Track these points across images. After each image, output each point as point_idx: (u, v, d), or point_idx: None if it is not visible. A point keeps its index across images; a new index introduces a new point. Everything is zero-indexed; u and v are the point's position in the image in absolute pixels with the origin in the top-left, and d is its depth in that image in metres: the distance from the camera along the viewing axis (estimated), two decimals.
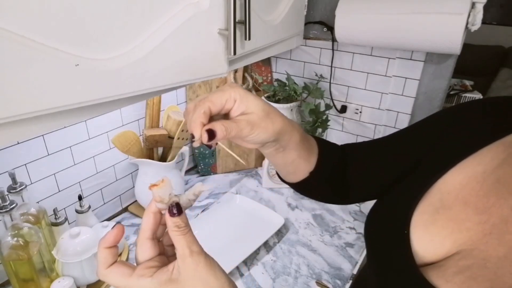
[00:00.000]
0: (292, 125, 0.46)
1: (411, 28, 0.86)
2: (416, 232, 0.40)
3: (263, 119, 0.41)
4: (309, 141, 0.52)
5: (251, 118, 0.40)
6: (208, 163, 1.33)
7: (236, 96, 0.40)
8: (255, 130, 0.40)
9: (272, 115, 0.42)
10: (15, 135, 0.44)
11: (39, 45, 0.41)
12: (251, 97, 0.41)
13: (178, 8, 0.55)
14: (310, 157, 0.53)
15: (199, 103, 0.39)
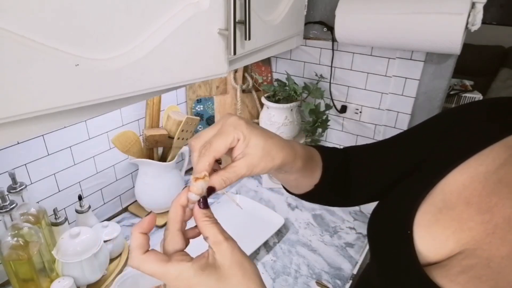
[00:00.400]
0: (295, 154, 0.45)
1: (411, 28, 0.86)
2: (419, 232, 0.40)
3: (263, 158, 0.41)
4: (313, 159, 0.52)
5: (250, 160, 0.40)
6: None
7: (239, 136, 0.40)
8: (254, 170, 0.41)
9: (274, 152, 0.42)
10: (15, 135, 0.44)
11: (39, 45, 0.41)
12: (253, 138, 0.40)
13: (178, 8, 0.55)
14: (314, 173, 0.53)
15: (205, 151, 0.39)
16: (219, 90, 1.27)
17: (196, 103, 1.23)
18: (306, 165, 0.49)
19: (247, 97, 1.28)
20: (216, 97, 1.25)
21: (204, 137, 0.40)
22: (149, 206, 1.09)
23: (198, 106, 1.24)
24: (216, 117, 1.27)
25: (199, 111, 1.24)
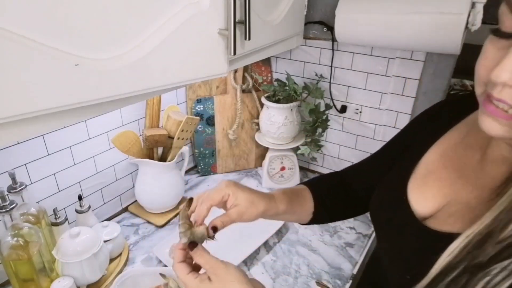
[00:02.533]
0: (275, 201, 0.61)
1: (411, 28, 0.86)
2: (413, 196, 0.52)
3: (249, 207, 0.57)
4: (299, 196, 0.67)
5: (239, 209, 0.56)
6: (208, 163, 1.33)
7: (229, 192, 0.57)
8: (244, 217, 0.57)
9: (256, 202, 0.58)
10: (15, 135, 0.44)
11: (39, 45, 0.41)
12: (240, 193, 0.57)
13: (178, 8, 0.55)
14: (305, 206, 0.67)
15: (205, 199, 0.56)
16: (219, 90, 1.27)
17: (196, 103, 1.23)
18: (291, 205, 0.63)
19: (247, 97, 1.28)
20: (216, 97, 1.25)
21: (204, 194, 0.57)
22: (149, 206, 1.09)
23: (198, 106, 1.24)
24: (216, 117, 1.27)
25: (199, 111, 1.24)
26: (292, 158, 1.23)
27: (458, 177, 0.49)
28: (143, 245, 0.99)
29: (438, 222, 0.47)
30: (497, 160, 0.45)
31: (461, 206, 0.46)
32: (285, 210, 0.62)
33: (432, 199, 0.49)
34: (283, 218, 0.66)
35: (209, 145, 1.30)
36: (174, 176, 1.08)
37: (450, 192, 0.48)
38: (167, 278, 0.80)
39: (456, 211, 0.46)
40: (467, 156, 0.49)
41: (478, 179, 0.46)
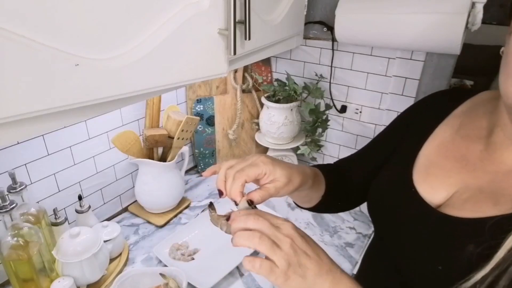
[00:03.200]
0: (307, 176, 0.59)
1: (411, 28, 0.86)
2: (420, 187, 0.53)
3: (287, 183, 0.53)
4: (318, 175, 0.65)
5: (277, 185, 0.53)
6: (208, 163, 1.33)
7: (267, 170, 0.52)
8: (281, 192, 0.53)
9: (293, 177, 0.54)
10: (15, 135, 0.44)
11: (39, 45, 0.41)
12: (278, 169, 0.53)
13: (178, 8, 0.55)
14: (320, 186, 0.66)
15: (238, 174, 0.51)
16: (219, 90, 1.27)
17: (196, 103, 1.23)
18: (314, 182, 0.62)
19: (247, 97, 1.28)
20: (216, 97, 1.25)
21: (237, 167, 0.52)
22: (149, 206, 1.09)
23: (198, 106, 1.24)
24: (216, 117, 1.27)
25: (199, 111, 1.24)
26: (292, 158, 1.23)
27: (462, 166, 0.51)
28: (143, 245, 0.99)
29: (455, 209, 0.48)
30: (505, 147, 0.48)
31: (474, 192, 0.48)
32: (311, 186, 0.61)
33: (440, 189, 0.51)
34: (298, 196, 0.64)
35: (209, 145, 1.30)
36: (174, 176, 1.08)
37: (457, 181, 0.50)
38: (167, 278, 0.80)
39: (469, 197, 0.48)
40: (467, 147, 0.52)
41: (488, 165, 0.49)
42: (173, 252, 0.94)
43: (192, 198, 1.19)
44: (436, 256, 0.48)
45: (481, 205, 0.46)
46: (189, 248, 0.96)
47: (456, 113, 0.57)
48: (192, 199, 1.18)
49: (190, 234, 1.01)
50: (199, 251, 0.95)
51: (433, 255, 0.49)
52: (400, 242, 0.55)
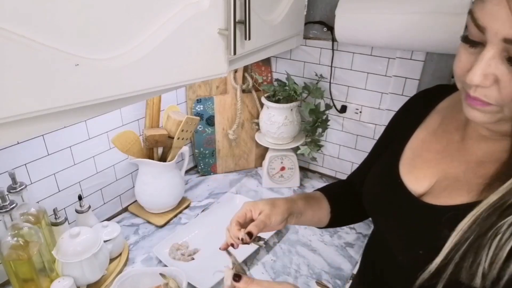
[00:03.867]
0: (291, 200, 0.67)
1: (411, 28, 0.86)
2: (406, 178, 0.57)
3: (272, 209, 0.62)
4: (315, 197, 0.73)
5: (265, 213, 0.61)
6: (208, 163, 1.33)
7: (250, 208, 0.63)
8: (272, 218, 0.61)
9: (276, 203, 0.64)
10: (15, 135, 0.44)
11: (39, 45, 0.41)
12: (259, 203, 0.63)
13: (178, 8, 0.55)
14: (322, 204, 0.72)
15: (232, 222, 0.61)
16: (219, 90, 1.27)
17: (196, 103, 1.23)
18: (309, 203, 0.69)
19: (247, 97, 1.28)
20: (216, 97, 1.25)
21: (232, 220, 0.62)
22: (149, 206, 1.09)
23: (198, 106, 1.24)
24: (216, 117, 1.27)
25: (199, 111, 1.24)
26: (292, 158, 1.23)
27: (442, 157, 0.55)
28: (143, 245, 0.99)
29: (433, 198, 0.52)
30: (477, 139, 0.52)
31: (451, 181, 0.52)
32: (305, 206, 0.68)
33: (423, 179, 0.55)
34: (305, 220, 0.70)
35: (209, 145, 1.30)
36: (174, 176, 1.08)
37: (437, 171, 0.54)
38: (167, 278, 0.80)
39: (447, 185, 0.52)
40: (447, 139, 0.56)
41: (462, 155, 0.53)
42: (173, 252, 0.94)
43: (192, 198, 1.19)
44: (417, 242, 0.52)
45: (457, 193, 0.49)
46: (189, 248, 0.96)
47: (439, 108, 0.61)
48: (192, 199, 1.18)
49: (190, 234, 1.01)
50: (199, 251, 0.95)
51: (415, 240, 0.52)
52: (389, 229, 0.59)
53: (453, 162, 0.53)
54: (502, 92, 0.39)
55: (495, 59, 0.39)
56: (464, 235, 0.43)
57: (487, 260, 0.40)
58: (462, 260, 0.43)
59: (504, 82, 0.39)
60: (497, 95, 0.40)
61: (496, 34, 0.38)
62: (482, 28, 0.39)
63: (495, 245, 0.40)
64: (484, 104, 0.42)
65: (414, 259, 0.52)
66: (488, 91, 0.40)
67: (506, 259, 0.39)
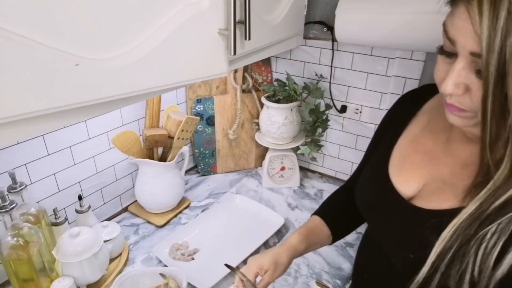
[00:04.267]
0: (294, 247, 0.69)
1: (411, 28, 0.86)
2: (395, 180, 0.58)
3: (276, 268, 0.65)
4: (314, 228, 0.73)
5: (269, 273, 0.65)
6: (208, 163, 1.33)
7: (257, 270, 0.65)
8: (275, 276, 0.65)
9: (280, 260, 0.66)
10: (15, 135, 0.44)
11: (39, 45, 0.41)
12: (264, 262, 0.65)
13: (178, 8, 0.55)
14: (322, 234, 0.74)
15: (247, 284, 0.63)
16: (219, 90, 1.27)
17: (196, 103, 1.23)
18: (310, 240, 0.71)
19: (247, 97, 1.28)
20: (216, 97, 1.25)
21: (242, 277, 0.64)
22: (149, 206, 1.09)
23: (198, 106, 1.24)
24: (216, 117, 1.27)
25: (199, 111, 1.24)
26: (292, 158, 1.23)
27: (429, 159, 0.56)
28: (143, 245, 0.99)
29: (423, 201, 0.53)
30: (461, 140, 0.53)
31: (439, 184, 0.52)
32: (306, 247, 0.71)
33: (412, 181, 0.56)
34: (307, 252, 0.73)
35: (209, 145, 1.30)
36: (174, 176, 1.08)
37: (425, 172, 0.55)
38: (167, 278, 0.80)
39: (435, 188, 0.52)
40: (433, 140, 0.57)
41: (448, 157, 0.54)
42: (173, 252, 0.94)
43: (192, 198, 1.19)
44: (408, 245, 0.53)
45: (444, 196, 0.50)
46: (189, 248, 0.96)
47: (426, 108, 0.62)
48: (192, 199, 1.18)
49: (190, 234, 1.01)
50: (199, 251, 0.95)
51: (405, 244, 0.53)
52: (382, 232, 0.60)
53: (439, 164, 0.54)
54: (473, 99, 0.41)
55: (465, 69, 0.41)
56: (447, 245, 0.44)
57: (476, 268, 0.42)
58: (449, 269, 0.44)
59: (474, 91, 0.41)
60: (469, 102, 0.42)
61: (464, 47, 0.40)
62: (453, 41, 0.41)
63: (481, 253, 0.41)
64: (460, 110, 0.44)
65: (405, 262, 0.53)
66: (461, 98, 0.43)
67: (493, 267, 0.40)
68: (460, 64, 0.41)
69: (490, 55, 0.36)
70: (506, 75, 0.36)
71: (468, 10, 0.39)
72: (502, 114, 0.38)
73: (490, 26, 0.36)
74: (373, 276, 0.66)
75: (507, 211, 0.41)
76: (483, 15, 0.36)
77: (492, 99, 0.38)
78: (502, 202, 0.41)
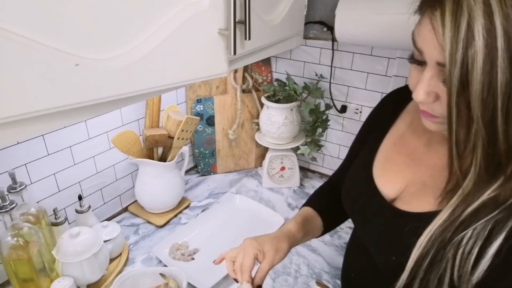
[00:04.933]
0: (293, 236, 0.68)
1: (411, 28, 0.86)
2: (379, 181, 0.58)
3: (276, 254, 0.63)
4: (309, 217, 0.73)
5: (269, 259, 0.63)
6: (208, 163, 1.33)
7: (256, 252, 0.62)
8: (274, 263, 0.63)
9: (280, 247, 0.64)
10: (15, 135, 0.44)
11: (39, 45, 0.41)
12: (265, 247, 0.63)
13: (178, 8, 0.55)
14: (315, 224, 0.74)
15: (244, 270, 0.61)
16: (219, 90, 1.27)
17: (196, 103, 1.23)
18: (306, 229, 0.70)
19: (247, 97, 1.28)
20: (216, 97, 1.25)
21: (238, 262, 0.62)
22: (149, 206, 1.09)
23: (198, 106, 1.24)
24: (216, 117, 1.27)
25: (199, 111, 1.24)
26: (292, 158, 1.23)
27: (411, 160, 0.56)
28: (143, 245, 0.99)
29: (404, 203, 0.53)
30: (440, 141, 0.53)
31: (419, 186, 0.53)
32: (303, 236, 0.70)
33: (394, 183, 0.56)
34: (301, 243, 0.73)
35: (209, 145, 1.30)
36: (174, 176, 1.08)
37: (407, 174, 0.55)
38: (167, 278, 0.80)
39: (416, 191, 0.53)
40: (415, 141, 0.57)
41: (428, 159, 0.54)
42: (173, 252, 0.94)
43: (192, 198, 1.19)
44: (390, 248, 0.53)
45: (425, 199, 0.50)
46: (189, 248, 0.96)
47: (409, 108, 0.62)
48: (192, 199, 1.18)
49: (190, 234, 1.01)
50: (199, 251, 0.95)
51: (387, 246, 0.53)
52: (365, 233, 0.60)
53: (420, 166, 0.54)
54: (444, 107, 0.41)
55: (434, 78, 0.41)
56: (424, 251, 0.44)
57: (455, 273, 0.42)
58: (428, 274, 0.44)
59: (443, 99, 0.41)
60: (441, 109, 0.43)
61: (430, 57, 0.41)
62: (420, 51, 0.42)
63: (459, 258, 0.42)
64: (432, 116, 0.45)
65: (388, 264, 0.53)
66: (433, 106, 0.44)
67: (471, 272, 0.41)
68: (429, 74, 0.42)
69: (452, 66, 0.37)
70: (468, 85, 0.36)
71: (431, 21, 0.39)
72: (467, 123, 0.39)
73: (452, 38, 0.36)
74: (359, 275, 0.66)
75: (481, 217, 0.41)
76: (445, 26, 0.37)
77: (456, 108, 0.38)
78: (475, 208, 0.42)
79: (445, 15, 0.37)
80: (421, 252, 0.45)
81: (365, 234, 0.61)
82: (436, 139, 0.54)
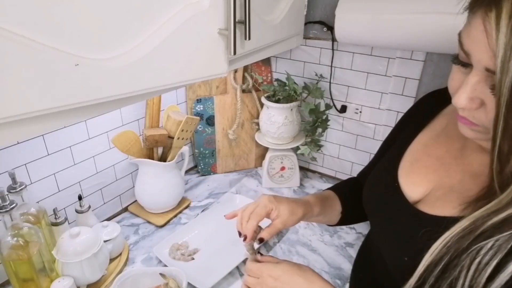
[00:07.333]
0: (310, 206, 0.68)
1: (411, 28, 0.86)
2: (403, 182, 0.56)
3: (290, 215, 0.64)
4: (328, 199, 0.73)
5: (282, 219, 0.63)
6: (208, 163, 1.33)
7: (273, 206, 0.63)
8: (287, 224, 0.64)
9: (295, 210, 0.64)
10: (15, 135, 0.44)
11: (39, 45, 0.41)
12: (281, 205, 0.64)
13: (178, 8, 0.55)
14: (334, 207, 0.74)
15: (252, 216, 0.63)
16: (219, 90, 1.27)
17: (196, 103, 1.23)
18: (324, 206, 0.70)
19: (247, 97, 1.28)
20: (216, 97, 1.25)
21: (249, 209, 0.64)
22: (149, 206, 1.09)
23: (198, 106, 1.24)
24: (216, 117, 1.27)
25: (199, 111, 1.24)
26: (292, 158, 1.23)
27: (441, 164, 0.54)
28: (143, 245, 0.99)
29: (428, 206, 0.51)
30: (476, 149, 0.51)
31: (446, 191, 0.51)
32: (319, 211, 0.70)
33: (420, 184, 0.54)
34: (316, 220, 0.73)
35: (209, 145, 1.30)
36: (174, 176, 1.08)
37: (434, 177, 0.53)
38: (167, 278, 0.80)
39: (442, 195, 0.51)
40: (448, 145, 0.55)
41: (459, 165, 0.52)
42: (173, 252, 0.94)
43: (192, 198, 1.19)
44: (404, 248, 0.52)
45: (449, 204, 0.49)
46: (189, 248, 0.96)
47: (445, 112, 0.60)
48: (192, 199, 1.18)
49: (190, 234, 1.01)
50: (199, 251, 0.95)
51: (402, 246, 0.52)
52: (381, 232, 0.60)
53: (449, 171, 0.52)
54: (488, 116, 0.38)
55: (480, 83, 0.38)
56: (436, 258, 0.43)
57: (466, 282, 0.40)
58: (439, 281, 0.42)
59: (489, 107, 0.38)
60: (484, 118, 0.40)
61: (479, 61, 0.37)
62: (467, 54, 0.39)
63: (474, 268, 0.39)
64: (472, 124, 0.42)
65: (399, 264, 0.52)
66: (475, 113, 0.40)
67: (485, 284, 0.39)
68: (475, 78, 0.38)
69: (504, 74, 0.33)
70: None
71: (484, 22, 0.36)
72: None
73: (507, 44, 0.33)
74: (369, 277, 0.65)
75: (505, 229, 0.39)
76: (500, 30, 0.33)
77: (504, 121, 0.35)
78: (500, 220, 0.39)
79: (501, 18, 0.33)
80: (433, 259, 0.43)
81: (380, 233, 0.60)
82: (470, 145, 0.51)
